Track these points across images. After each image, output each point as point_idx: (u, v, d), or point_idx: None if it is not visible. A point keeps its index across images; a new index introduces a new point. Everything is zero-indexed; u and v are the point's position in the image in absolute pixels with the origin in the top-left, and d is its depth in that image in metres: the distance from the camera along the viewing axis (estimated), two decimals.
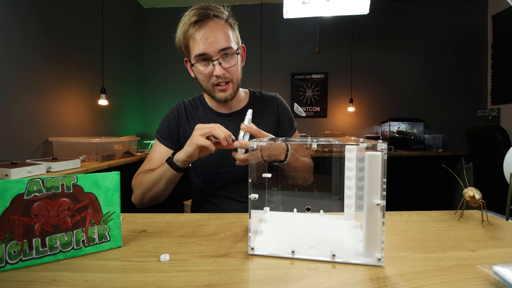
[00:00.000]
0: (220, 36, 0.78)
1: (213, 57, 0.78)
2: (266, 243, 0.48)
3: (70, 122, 2.24)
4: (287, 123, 0.99)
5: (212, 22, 0.78)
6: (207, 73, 0.80)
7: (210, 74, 0.80)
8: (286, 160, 0.77)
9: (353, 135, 3.40)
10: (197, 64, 0.81)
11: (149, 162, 0.90)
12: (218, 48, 0.77)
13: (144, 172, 0.85)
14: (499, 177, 0.76)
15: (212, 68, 0.79)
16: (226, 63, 0.80)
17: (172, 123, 0.93)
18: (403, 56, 3.36)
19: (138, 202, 0.85)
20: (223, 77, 0.81)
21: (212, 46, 0.77)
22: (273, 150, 0.74)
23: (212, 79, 0.82)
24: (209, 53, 0.77)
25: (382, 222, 0.40)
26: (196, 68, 0.82)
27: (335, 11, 1.06)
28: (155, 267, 0.40)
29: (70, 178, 0.44)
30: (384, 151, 0.40)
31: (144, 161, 0.92)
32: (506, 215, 0.62)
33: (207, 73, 0.80)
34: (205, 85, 0.85)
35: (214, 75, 0.80)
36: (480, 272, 0.38)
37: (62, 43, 2.11)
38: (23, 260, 0.40)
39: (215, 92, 0.85)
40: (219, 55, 0.78)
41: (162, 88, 3.53)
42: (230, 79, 0.83)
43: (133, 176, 0.89)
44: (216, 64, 0.78)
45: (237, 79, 0.86)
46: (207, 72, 0.80)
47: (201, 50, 0.77)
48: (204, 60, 0.80)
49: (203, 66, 0.80)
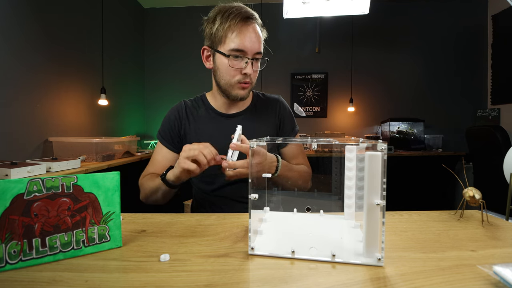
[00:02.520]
0: (259, 39, 0.83)
1: (249, 55, 0.81)
2: (266, 243, 0.48)
3: (70, 122, 2.24)
4: (288, 126, 0.99)
5: (256, 25, 0.83)
6: (237, 67, 0.82)
7: (240, 69, 0.83)
8: (277, 173, 0.77)
9: (353, 135, 3.40)
10: (232, 57, 0.82)
11: (153, 165, 0.92)
12: (256, 50, 0.82)
13: (148, 177, 0.87)
14: (499, 177, 0.76)
15: (244, 65, 0.82)
16: (255, 65, 0.84)
17: (172, 125, 0.93)
18: (403, 56, 3.36)
19: (144, 201, 0.90)
20: (249, 77, 0.84)
21: (252, 46, 0.81)
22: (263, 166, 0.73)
23: (239, 76, 0.83)
24: (247, 50, 0.81)
25: (382, 222, 0.40)
26: (228, 60, 0.82)
27: (335, 11, 1.06)
28: (155, 267, 0.40)
29: (70, 178, 0.44)
30: (384, 151, 0.40)
31: (148, 162, 0.94)
32: (506, 215, 0.62)
33: (237, 67, 0.82)
34: (227, 79, 0.85)
35: (244, 72, 0.82)
36: (480, 272, 0.38)
37: (62, 43, 2.11)
38: (23, 260, 0.40)
39: (235, 88, 0.86)
40: (254, 56, 0.82)
41: (162, 88, 3.53)
42: (252, 80, 0.86)
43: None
44: (249, 63, 0.81)
45: (254, 83, 0.89)
46: (239, 67, 0.83)
47: (243, 46, 0.80)
48: (238, 55, 0.82)
49: (236, 60, 0.82)
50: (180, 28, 3.47)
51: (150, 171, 0.91)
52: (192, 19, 3.41)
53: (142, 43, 3.49)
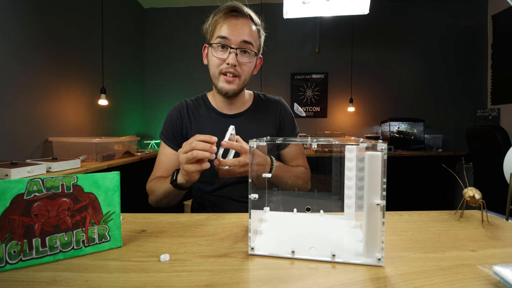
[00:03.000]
0: (247, 31, 0.82)
1: (233, 45, 0.81)
2: (266, 243, 0.48)
3: (70, 122, 2.24)
4: (288, 127, 0.99)
5: (244, 19, 0.83)
6: (220, 57, 0.82)
7: (223, 60, 0.82)
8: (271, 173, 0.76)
9: (353, 135, 3.40)
10: (215, 45, 0.82)
11: (158, 167, 0.91)
12: (241, 39, 0.81)
13: (156, 180, 0.86)
14: (499, 177, 0.76)
15: (228, 56, 0.81)
16: (242, 57, 0.83)
17: (174, 124, 0.93)
18: (403, 56, 3.36)
19: (154, 205, 0.88)
20: (233, 68, 0.82)
21: (237, 35, 0.81)
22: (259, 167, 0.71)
23: (222, 66, 0.83)
24: (231, 39, 0.81)
25: (382, 222, 0.40)
26: (213, 50, 0.83)
27: (335, 11, 1.06)
28: (155, 267, 0.40)
29: (70, 178, 0.44)
30: (384, 151, 0.40)
31: (154, 165, 0.93)
32: (506, 215, 0.62)
33: (220, 57, 0.82)
34: (213, 71, 0.86)
35: (227, 62, 0.81)
36: (480, 272, 0.38)
37: (62, 43, 2.11)
38: (23, 260, 0.40)
39: (219, 80, 0.85)
40: (238, 45, 0.81)
41: (162, 88, 3.53)
42: (239, 74, 0.84)
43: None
44: (232, 52, 0.81)
45: (245, 78, 0.87)
46: (221, 57, 0.82)
47: (225, 34, 0.80)
48: (223, 46, 0.82)
49: (220, 50, 0.82)
50: (180, 28, 3.47)
51: (157, 175, 0.89)
52: (192, 19, 3.41)
53: (142, 43, 3.49)
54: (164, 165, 0.90)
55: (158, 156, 0.93)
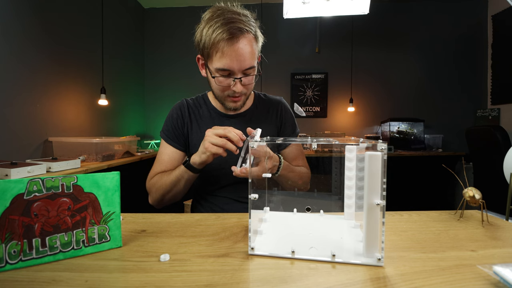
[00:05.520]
0: (248, 55, 0.77)
1: (237, 74, 0.78)
2: (266, 243, 0.48)
3: (70, 122, 2.24)
4: (289, 128, 0.99)
5: (243, 39, 0.76)
6: (226, 85, 0.81)
7: (228, 87, 0.81)
8: (278, 173, 0.77)
9: (353, 135, 3.40)
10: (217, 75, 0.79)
11: (159, 165, 0.90)
12: (244, 67, 0.77)
13: (159, 175, 0.86)
14: (499, 177, 0.77)
15: (232, 83, 0.79)
16: (246, 80, 0.81)
17: (176, 123, 0.92)
18: (403, 56, 3.36)
19: (157, 203, 0.88)
20: (239, 93, 0.82)
21: (239, 65, 0.76)
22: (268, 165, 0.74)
23: (228, 91, 0.82)
24: (234, 70, 0.77)
25: (382, 222, 0.40)
26: (216, 79, 0.80)
27: (335, 11, 1.06)
28: (155, 267, 0.40)
29: (70, 178, 0.44)
30: (384, 151, 0.40)
31: (154, 163, 0.92)
32: (506, 215, 0.62)
33: (226, 85, 0.81)
34: (218, 93, 0.85)
35: (233, 89, 0.80)
36: (480, 272, 0.38)
37: (62, 43, 2.11)
38: (23, 260, 0.40)
39: (227, 101, 0.85)
40: (242, 74, 0.79)
41: (162, 88, 3.53)
42: (245, 93, 0.84)
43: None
44: (237, 81, 0.79)
45: (250, 92, 0.87)
46: (226, 85, 0.81)
47: (227, 66, 0.76)
48: (225, 75, 0.79)
49: (224, 78, 0.79)
50: (180, 28, 3.47)
51: (158, 171, 0.89)
52: (192, 19, 3.39)
53: (142, 43, 3.49)
54: (166, 163, 0.90)
55: (159, 155, 0.93)
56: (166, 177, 0.82)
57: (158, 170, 0.89)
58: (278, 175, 0.77)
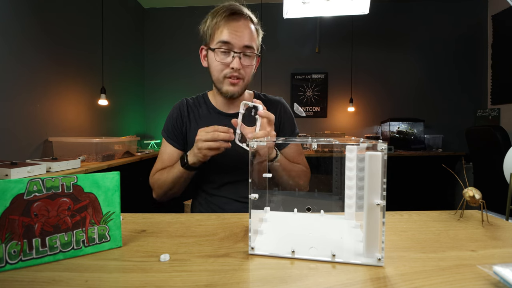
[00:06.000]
0: (248, 34, 0.82)
1: (236, 49, 0.81)
2: (266, 243, 0.48)
3: (70, 122, 2.24)
4: (288, 128, 0.99)
5: (244, 20, 0.82)
6: (225, 62, 0.83)
7: (227, 64, 0.83)
8: (277, 158, 0.78)
9: (353, 135, 3.40)
10: (218, 50, 0.82)
11: (161, 164, 0.93)
12: (243, 43, 0.81)
13: (160, 173, 0.89)
14: (499, 177, 0.76)
15: (231, 60, 0.82)
16: (245, 60, 0.84)
17: (175, 122, 0.94)
18: (403, 56, 3.36)
19: (159, 199, 0.91)
20: (237, 72, 0.83)
21: (239, 39, 0.81)
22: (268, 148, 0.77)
23: (226, 70, 0.83)
24: (233, 43, 0.81)
25: (382, 222, 0.40)
26: (215, 54, 0.83)
27: (335, 11, 1.06)
28: (155, 267, 0.40)
29: (70, 178, 0.44)
30: (384, 151, 0.40)
31: (156, 161, 0.95)
32: (506, 215, 0.62)
33: (224, 61, 0.83)
34: (216, 75, 0.86)
35: (231, 66, 0.82)
36: (480, 272, 0.38)
37: (62, 43, 2.11)
38: (23, 260, 0.40)
39: (224, 84, 0.86)
40: (241, 49, 0.82)
41: (162, 88, 3.53)
42: (243, 76, 0.85)
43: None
44: (236, 56, 0.81)
45: (248, 79, 0.88)
46: (225, 61, 0.83)
47: (227, 39, 0.80)
48: (225, 50, 0.82)
49: (223, 54, 0.83)
50: (180, 28, 3.47)
51: (159, 168, 0.92)
52: (192, 19, 3.40)
53: (142, 43, 3.49)
54: (167, 162, 0.92)
55: (160, 154, 0.95)
56: (166, 175, 0.85)
57: (160, 166, 0.92)
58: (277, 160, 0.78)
